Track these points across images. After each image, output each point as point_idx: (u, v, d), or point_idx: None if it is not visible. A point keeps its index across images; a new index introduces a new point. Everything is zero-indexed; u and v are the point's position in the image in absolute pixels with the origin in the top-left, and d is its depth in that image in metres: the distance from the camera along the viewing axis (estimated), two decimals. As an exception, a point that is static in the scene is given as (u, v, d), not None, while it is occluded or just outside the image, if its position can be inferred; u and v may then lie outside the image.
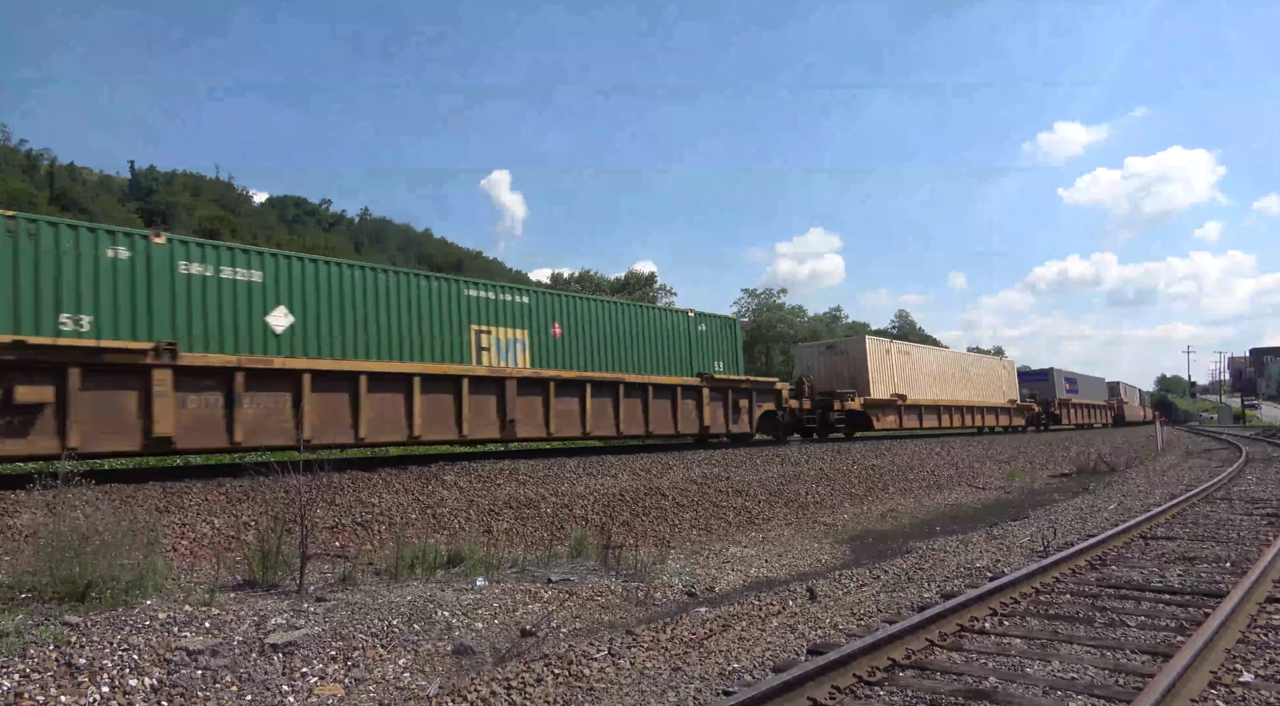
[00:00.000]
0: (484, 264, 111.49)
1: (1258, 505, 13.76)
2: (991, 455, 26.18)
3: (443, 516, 11.09)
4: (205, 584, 6.81)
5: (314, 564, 7.92)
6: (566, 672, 5.46)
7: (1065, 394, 45.45)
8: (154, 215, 79.02)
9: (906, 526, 14.38)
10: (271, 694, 5.11)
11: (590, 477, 14.15)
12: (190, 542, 8.88)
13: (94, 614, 5.64)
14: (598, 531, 10.83)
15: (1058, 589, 7.67)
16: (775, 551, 11.65)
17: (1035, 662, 5.42)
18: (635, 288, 59.36)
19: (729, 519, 14.10)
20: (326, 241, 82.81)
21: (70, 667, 4.88)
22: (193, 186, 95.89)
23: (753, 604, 7.37)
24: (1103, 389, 55.63)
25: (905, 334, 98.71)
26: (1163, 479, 20.33)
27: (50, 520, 6.38)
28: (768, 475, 16.90)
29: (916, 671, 5.36)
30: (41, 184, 69.56)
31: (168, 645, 5.32)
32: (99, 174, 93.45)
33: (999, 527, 12.46)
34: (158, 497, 9.64)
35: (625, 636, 6.22)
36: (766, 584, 9.10)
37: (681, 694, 5.13)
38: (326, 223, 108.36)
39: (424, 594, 7.20)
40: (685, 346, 19.83)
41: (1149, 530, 11.15)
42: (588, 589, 8.05)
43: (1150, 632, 6.13)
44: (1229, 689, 4.85)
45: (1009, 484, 21.70)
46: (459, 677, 5.52)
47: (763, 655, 5.95)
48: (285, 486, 8.35)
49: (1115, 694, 4.77)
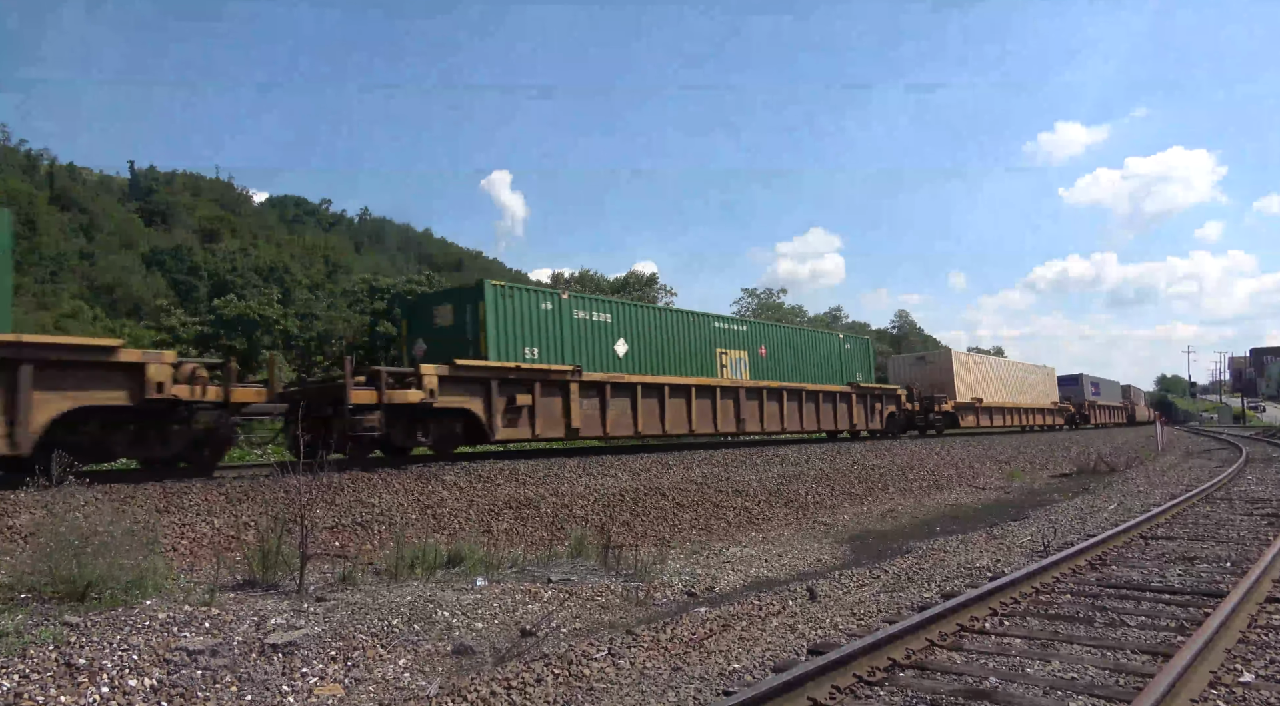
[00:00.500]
0: (484, 264, 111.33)
1: (1258, 505, 13.76)
2: (991, 455, 26.18)
3: (443, 516, 11.08)
4: (205, 584, 6.80)
5: (314, 564, 7.92)
6: (566, 672, 5.46)
7: (1092, 396, 52.63)
8: (154, 215, 78.99)
9: (906, 526, 14.37)
10: (271, 694, 5.11)
11: (590, 477, 14.14)
12: (190, 543, 8.87)
13: (94, 614, 5.64)
14: (598, 531, 10.83)
15: (1058, 589, 7.67)
16: (775, 551, 11.65)
17: (1035, 662, 5.42)
18: (635, 288, 59.17)
19: (729, 519, 14.09)
20: (326, 241, 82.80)
21: (70, 668, 4.88)
22: (193, 186, 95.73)
23: (753, 604, 7.37)
24: (1118, 392, 63.17)
25: (905, 334, 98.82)
26: (1163, 479, 20.33)
27: (48, 520, 6.38)
28: (768, 475, 16.89)
29: (916, 671, 5.36)
30: (41, 184, 69.44)
31: (167, 645, 5.31)
32: (99, 174, 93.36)
33: (999, 527, 12.46)
34: (157, 497, 9.63)
35: (625, 636, 6.22)
36: (766, 584, 9.09)
37: (681, 694, 5.13)
38: (326, 223, 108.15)
39: (424, 594, 7.20)
40: (839, 361, 25.38)
41: (1149, 530, 11.15)
42: (588, 589, 8.05)
43: (1150, 632, 6.13)
44: (1229, 689, 4.85)
45: (1009, 484, 21.70)
46: (459, 677, 5.52)
47: (763, 655, 5.95)
48: (285, 486, 8.34)
49: (1115, 694, 4.77)
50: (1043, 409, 42.84)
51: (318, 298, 52.07)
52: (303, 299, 50.25)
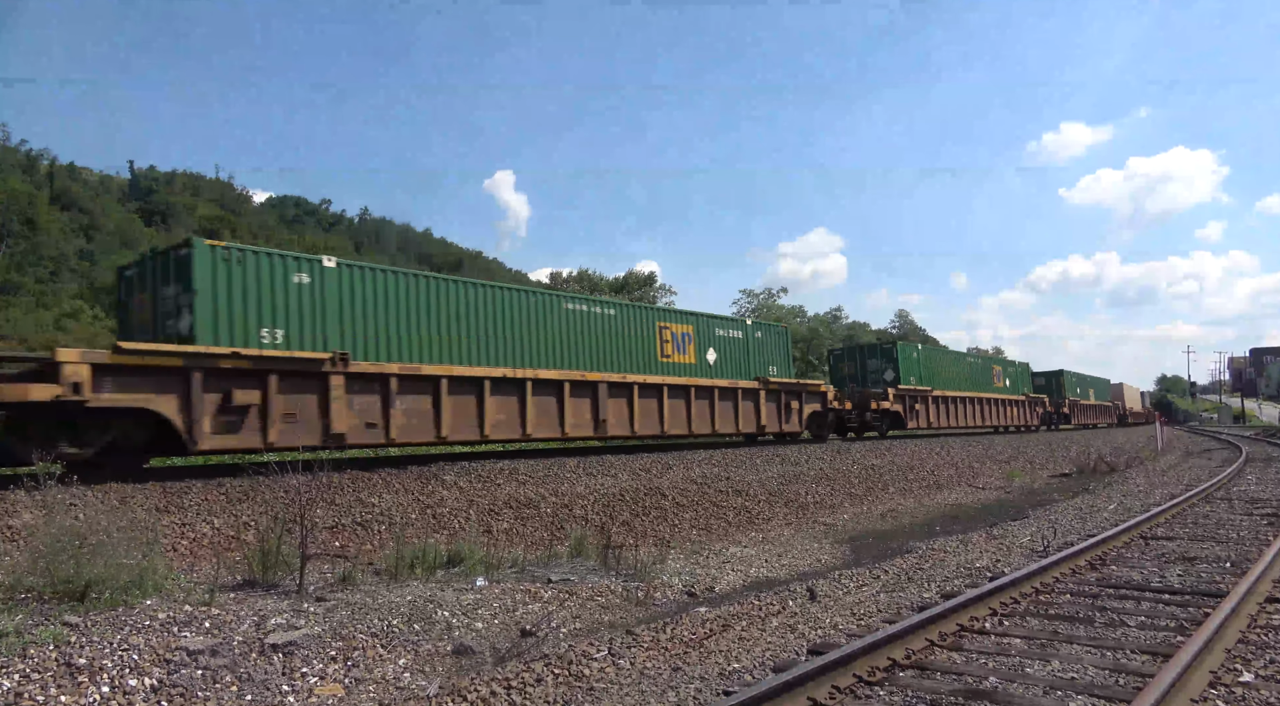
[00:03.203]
0: (484, 264, 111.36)
1: (1257, 505, 13.76)
2: (991, 455, 26.18)
3: (443, 516, 11.08)
4: (205, 584, 6.80)
5: (314, 564, 7.92)
6: (566, 672, 5.46)
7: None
8: (154, 215, 79.00)
9: (906, 526, 14.37)
10: (271, 694, 5.11)
11: (590, 477, 14.14)
12: (190, 542, 8.87)
13: (94, 614, 5.64)
14: (598, 531, 10.83)
15: (1058, 589, 7.67)
16: (775, 551, 11.65)
17: (1035, 662, 5.42)
18: (635, 287, 59.16)
19: (729, 519, 14.09)
20: (326, 242, 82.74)
21: (70, 667, 4.88)
22: (193, 186, 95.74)
23: (753, 604, 7.37)
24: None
25: (906, 333, 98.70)
26: (1163, 479, 20.33)
27: (46, 520, 6.37)
28: (768, 475, 16.90)
29: (916, 671, 5.36)
30: (41, 183, 69.46)
31: (168, 645, 5.31)
32: (99, 174, 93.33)
33: (999, 527, 12.46)
34: (158, 497, 9.63)
35: (625, 636, 6.22)
36: (766, 584, 9.09)
37: (681, 694, 5.13)
38: (326, 223, 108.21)
39: (424, 594, 7.20)
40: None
41: (1149, 530, 11.15)
42: (588, 589, 8.05)
43: (1150, 632, 6.13)
44: (1229, 689, 4.85)
45: (1009, 484, 21.70)
46: (459, 677, 5.52)
47: (763, 655, 5.95)
48: (285, 486, 8.35)
49: (1115, 694, 4.77)
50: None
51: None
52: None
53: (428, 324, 14.03)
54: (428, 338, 13.99)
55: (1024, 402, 40.08)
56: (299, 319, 12.34)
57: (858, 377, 29.55)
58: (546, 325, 16.17)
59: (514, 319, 15.55)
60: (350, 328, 12.89)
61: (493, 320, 15.15)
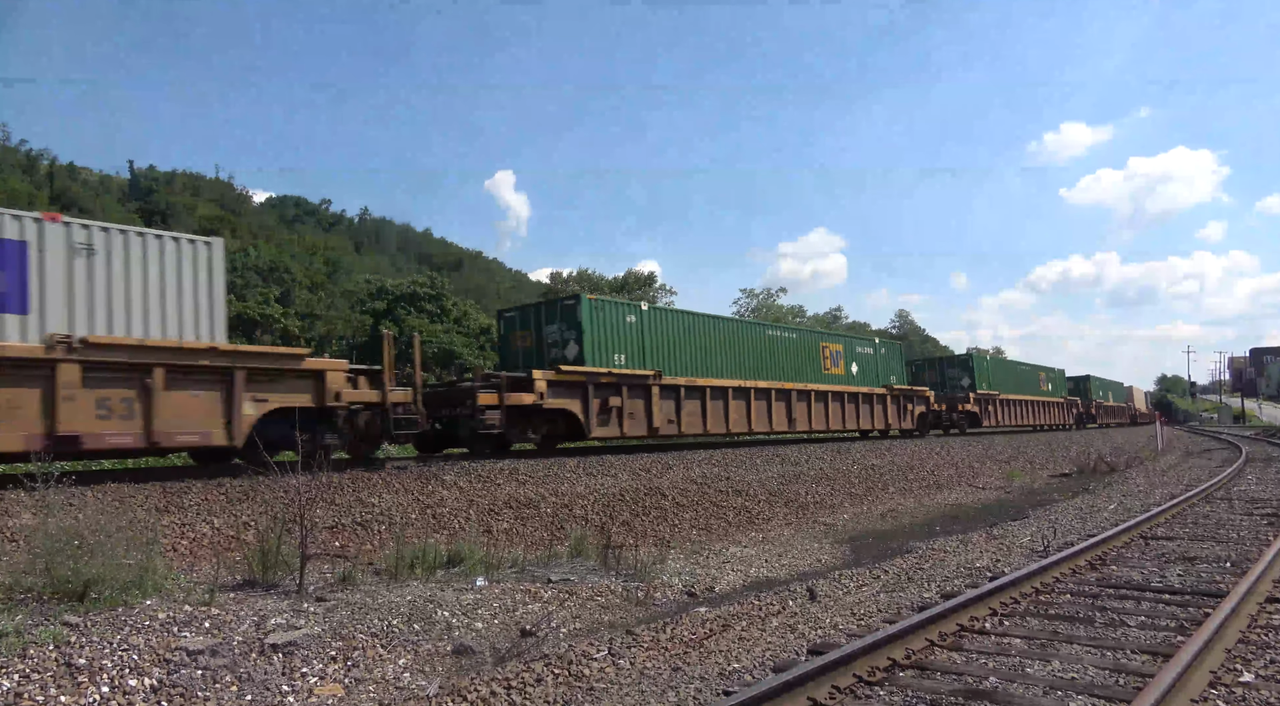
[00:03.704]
0: (484, 264, 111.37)
1: (1258, 505, 13.76)
2: (991, 455, 26.18)
3: (443, 516, 11.08)
4: (205, 584, 6.80)
5: (314, 564, 7.91)
6: (566, 672, 5.46)
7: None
8: (154, 215, 78.96)
9: (906, 526, 14.37)
10: (271, 694, 5.11)
11: (590, 477, 14.14)
12: (190, 542, 8.87)
13: (93, 614, 5.64)
14: (598, 531, 10.83)
15: (1058, 589, 7.67)
16: (775, 551, 11.65)
17: (1035, 662, 5.42)
18: (635, 287, 59.15)
19: (729, 519, 14.09)
20: (326, 242, 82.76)
21: (70, 667, 4.88)
22: (192, 186, 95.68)
23: (753, 604, 7.37)
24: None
25: (905, 333, 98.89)
26: (1163, 479, 20.33)
27: (44, 520, 6.37)
28: (768, 475, 16.89)
29: (916, 671, 5.36)
30: (41, 183, 69.48)
31: (167, 645, 5.31)
32: (99, 174, 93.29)
33: (999, 527, 12.46)
34: (157, 497, 9.63)
35: (625, 636, 6.22)
36: (766, 584, 9.09)
37: (681, 694, 5.13)
38: (326, 222, 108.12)
39: (424, 594, 7.20)
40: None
41: (1149, 530, 11.15)
42: (588, 589, 8.05)
43: (1150, 632, 6.13)
44: (1229, 689, 4.85)
45: (1009, 484, 21.70)
46: (459, 677, 5.52)
47: (763, 655, 5.94)
48: (285, 486, 8.34)
49: (1115, 694, 4.76)
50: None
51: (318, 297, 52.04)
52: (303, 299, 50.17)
53: (692, 348, 19.63)
54: (693, 359, 19.57)
55: (1062, 404, 46.49)
56: (631, 347, 17.79)
57: (939, 384, 35.32)
58: (756, 347, 21.98)
59: (737, 342, 21.23)
60: (655, 352, 18.45)
61: (727, 344, 20.88)
